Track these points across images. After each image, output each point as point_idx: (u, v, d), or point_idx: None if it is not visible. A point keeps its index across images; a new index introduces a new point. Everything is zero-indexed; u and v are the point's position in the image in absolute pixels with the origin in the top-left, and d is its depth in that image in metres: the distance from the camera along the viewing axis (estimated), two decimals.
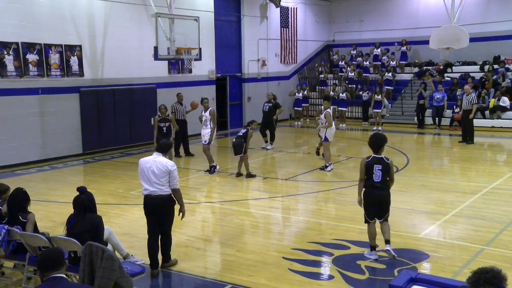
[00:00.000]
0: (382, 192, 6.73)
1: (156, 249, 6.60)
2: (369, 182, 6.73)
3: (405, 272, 4.72)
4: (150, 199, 6.42)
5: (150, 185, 6.39)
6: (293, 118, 23.95)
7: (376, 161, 6.70)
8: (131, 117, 16.55)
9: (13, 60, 13.44)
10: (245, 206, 9.85)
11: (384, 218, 6.89)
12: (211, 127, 12.48)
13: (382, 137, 6.92)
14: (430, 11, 23.81)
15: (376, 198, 6.75)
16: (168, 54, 14.43)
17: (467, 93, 16.81)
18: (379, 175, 6.66)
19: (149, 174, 6.36)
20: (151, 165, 6.38)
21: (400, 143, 17.26)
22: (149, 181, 6.38)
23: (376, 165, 6.67)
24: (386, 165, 6.68)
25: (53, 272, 3.79)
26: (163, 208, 6.45)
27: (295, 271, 6.56)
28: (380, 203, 6.79)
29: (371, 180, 6.69)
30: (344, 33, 26.71)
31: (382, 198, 6.76)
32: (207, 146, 12.56)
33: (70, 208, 5.89)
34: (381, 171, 6.66)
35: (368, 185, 6.76)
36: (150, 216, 6.54)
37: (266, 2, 22.30)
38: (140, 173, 6.47)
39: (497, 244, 7.43)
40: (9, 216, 6.11)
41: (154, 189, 6.38)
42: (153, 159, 6.44)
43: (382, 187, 6.70)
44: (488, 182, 11.33)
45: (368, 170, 6.71)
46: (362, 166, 6.78)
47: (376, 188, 6.69)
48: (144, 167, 6.42)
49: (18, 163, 13.60)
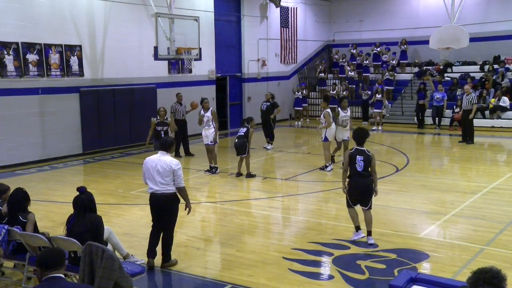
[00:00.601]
0: (365, 180, 7.39)
1: (156, 240, 6.73)
2: (353, 171, 7.43)
3: (405, 272, 4.72)
4: (154, 196, 6.55)
5: (155, 184, 6.48)
6: (293, 118, 23.97)
7: (358, 153, 7.41)
8: (131, 117, 16.55)
9: (13, 60, 13.44)
10: (245, 206, 9.85)
11: (368, 206, 7.50)
12: (214, 127, 12.40)
13: (365, 132, 7.69)
14: (430, 11, 23.81)
15: (359, 185, 7.41)
16: (168, 54, 14.42)
17: (467, 93, 16.81)
18: (361, 165, 7.34)
19: (154, 173, 6.45)
20: (156, 164, 6.47)
21: (400, 143, 17.27)
22: (154, 180, 6.47)
23: (359, 156, 7.38)
24: (367, 157, 7.37)
25: (53, 271, 3.79)
26: (167, 206, 6.56)
27: (295, 271, 6.56)
28: (363, 190, 7.44)
29: (355, 169, 7.40)
30: (344, 33, 26.71)
31: (364, 186, 7.42)
32: (213, 146, 12.43)
33: (70, 208, 5.89)
34: (363, 161, 7.35)
35: (352, 174, 7.45)
36: (154, 213, 6.69)
37: (266, 2, 22.31)
38: (146, 172, 6.56)
39: (497, 244, 7.43)
40: (9, 216, 6.11)
41: (158, 188, 6.47)
42: (158, 158, 6.52)
43: (365, 175, 7.37)
44: (488, 182, 11.33)
45: (352, 160, 7.41)
46: (346, 157, 7.55)
47: (359, 177, 7.37)
48: (149, 166, 6.51)
49: (18, 163, 13.60)
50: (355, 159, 7.40)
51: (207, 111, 12.44)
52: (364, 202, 7.50)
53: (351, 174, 7.47)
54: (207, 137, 12.42)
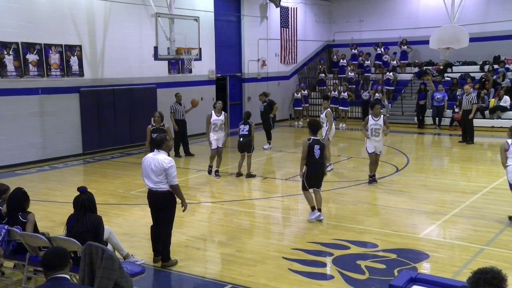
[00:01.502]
0: (321, 166, 8.59)
1: (157, 236, 6.87)
2: (311, 159, 8.42)
3: (405, 272, 4.72)
4: (151, 193, 6.75)
5: (150, 182, 6.68)
6: (293, 118, 23.97)
7: (315, 142, 8.46)
8: (131, 117, 16.55)
9: (13, 60, 13.44)
10: (245, 206, 9.85)
11: (319, 188, 8.64)
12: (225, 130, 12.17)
13: (318, 123, 8.94)
14: (430, 11, 23.80)
15: (316, 171, 8.51)
16: (168, 54, 14.42)
17: (467, 93, 16.82)
18: (318, 153, 8.42)
19: (149, 171, 6.63)
20: (151, 162, 6.65)
21: (400, 143, 17.27)
22: (149, 178, 6.66)
23: (316, 145, 8.42)
24: (322, 145, 8.53)
25: (57, 272, 3.74)
26: (162, 203, 6.69)
27: (295, 271, 6.56)
28: (319, 174, 8.59)
29: (313, 157, 8.40)
30: (344, 33, 26.70)
31: (321, 171, 8.61)
32: (221, 149, 12.26)
33: (70, 208, 5.90)
34: (319, 150, 8.42)
35: (310, 162, 8.45)
36: (152, 209, 6.88)
37: (266, 2, 22.31)
38: (143, 170, 6.77)
39: (497, 244, 7.43)
40: (8, 216, 6.11)
41: (153, 186, 6.66)
42: (152, 157, 6.68)
43: (320, 162, 8.52)
44: (488, 182, 11.34)
45: (310, 150, 8.39)
46: (305, 147, 8.43)
47: (316, 164, 8.45)
48: (146, 164, 6.71)
49: (18, 163, 13.60)
50: (313, 148, 8.34)
51: (220, 115, 12.13)
52: (318, 184, 8.57)
53: (309, 162, 8.42)
54: (218, 141, 12.09)
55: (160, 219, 6.79)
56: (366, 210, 9.40)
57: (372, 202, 9.92)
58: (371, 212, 9.26)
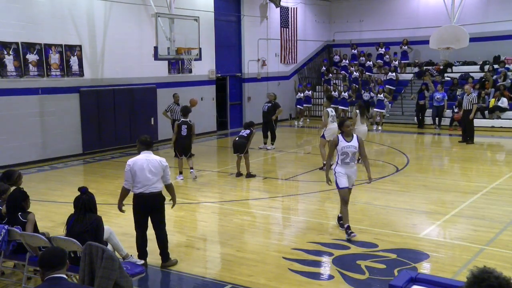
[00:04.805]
0: (186, 141, 11.61)
1: (145, 241, 6.76)
2: (180, 135, 11.48)
3: (405, 272, 4.71)
4: (142, 197, 6.52)
5: (145, 184, 6.50)
6: (293, 118, 23.96)
7: (183, 123, 11.55)
8: (131, 117, 16.55)
9: (13, 60, 13.44)
10: (245, 206, 9.85)
11: (188, 156, 11.67)
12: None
13: (189, 107, 12.10)
14: (430, 11, 23.80)
15: (183, 144, 11.60)
16: (168, 54, 14.41)
17: (467, 93, 16.81)
18: (184, 131, 11.47)
19: (146, 173, 6.49)
20: (147, 164, 6.53)
21: (400, 143, 17.27)
22: (146, 180, 6.48)
23: (183, 125, 11.51)
24: (190, 125, 11.54)
25: (54, 272, 3.76)
26: (157, 204, 6.62)
27: (295, 271, 6.55)
28: (185, 147, 11.63)
29: (180, 134, 11.48)
30: (344, 33, 26.70)
31: (186, 145, 11.62)
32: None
33: (70, 208, 5.89)
34: (186, 129, 11.50)
35: (178, 137, 11.54)
36: (141, 213, 6.65)
37: (266, 2, 22.30)
38: (132, 174, 6.53)
39: (497, 244, 7.42)
40: (8, 216, 6.11)
41: (148, 188, 6.50)
42: (146, 159, 6.61)
43: (186, 138, 11.56)
44: (488, 182, 11.33)
45: (179, 128, 11.47)
46: (176, 126, 11.58)
47: (183, 138, 11.53)
48: (137, 168, 6.52)
49: (18, 163, 13.59)
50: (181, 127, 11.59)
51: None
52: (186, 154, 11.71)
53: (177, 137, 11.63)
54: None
55: (154, 221, 6.68)
56: (366, 210, 9.39)
57: (372, 202, 9.92)
58: (371, 212, 9.25)
